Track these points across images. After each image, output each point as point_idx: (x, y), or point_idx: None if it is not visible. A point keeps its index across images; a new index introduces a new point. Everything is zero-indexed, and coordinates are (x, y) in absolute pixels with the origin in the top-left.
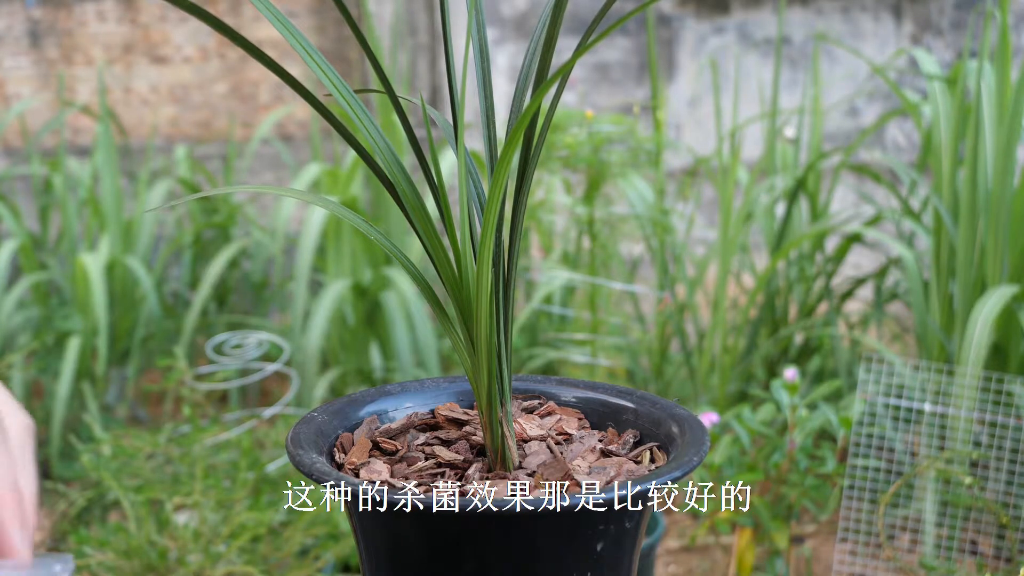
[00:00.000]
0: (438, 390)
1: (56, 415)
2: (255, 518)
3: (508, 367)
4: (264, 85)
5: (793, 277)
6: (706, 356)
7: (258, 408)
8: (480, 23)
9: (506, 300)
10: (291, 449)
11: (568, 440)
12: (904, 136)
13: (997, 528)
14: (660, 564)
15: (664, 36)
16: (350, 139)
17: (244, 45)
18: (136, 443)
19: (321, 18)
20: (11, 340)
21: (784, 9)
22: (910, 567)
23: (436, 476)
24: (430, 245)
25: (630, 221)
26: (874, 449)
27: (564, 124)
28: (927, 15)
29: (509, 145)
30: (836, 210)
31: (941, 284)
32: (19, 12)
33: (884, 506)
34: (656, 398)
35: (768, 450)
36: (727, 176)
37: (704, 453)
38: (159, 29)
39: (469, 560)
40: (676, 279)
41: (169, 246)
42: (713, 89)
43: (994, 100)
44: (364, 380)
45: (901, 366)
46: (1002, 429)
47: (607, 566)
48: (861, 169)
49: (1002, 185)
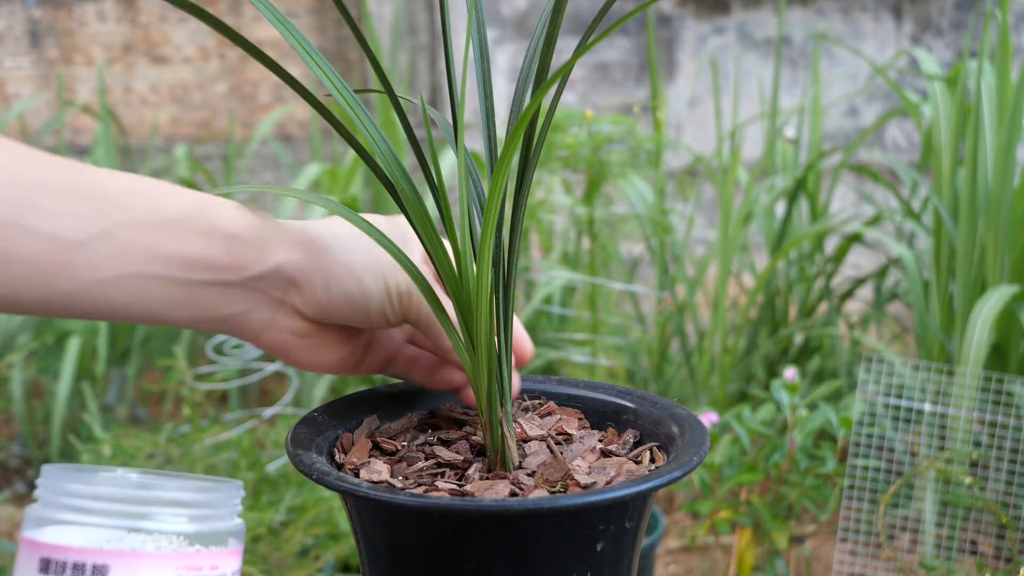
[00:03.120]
0: (438, 390)
1: (56, 415)
2: (255, 518)
3: (508, 367)
4: (264, 85)
5: (793, 277)
6: (706, 356)
7: (258, 408)
8: (480, 22)
9: (506, 300)
10: (291, 449)
11: (568, 440)
12: (904, 136)
13: (997, 528)
14: (660, 564)
15: (664, 36)
16: (350, 139)
17: (244, 45)
18: (136, 443)
19: (321, 18)
20: (11, 340)
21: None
22: (910, 567)
23: (436, 476)
24: (430, 245)
25: (630, 221)
26: (874, 449)
27: (564, 124)
28: (927, 15)
29: (509, 145)
30: (836, 210)
31: (941, 284)
32: (19, 12)
33: (884, 506)
34: (656, 398)
35: (768, 450)
36: (727, 176)
37: (704, 453)
38: (159, 29)
39: (469, 560)
40: (676, 279)
41: None
42: (713, 89)
43: (994, 100)
44: (364, 380)
45: (901, 366)
46: (1002, 429)
47: (607, 566)
48: (861, 169)
49: (1002, 185)
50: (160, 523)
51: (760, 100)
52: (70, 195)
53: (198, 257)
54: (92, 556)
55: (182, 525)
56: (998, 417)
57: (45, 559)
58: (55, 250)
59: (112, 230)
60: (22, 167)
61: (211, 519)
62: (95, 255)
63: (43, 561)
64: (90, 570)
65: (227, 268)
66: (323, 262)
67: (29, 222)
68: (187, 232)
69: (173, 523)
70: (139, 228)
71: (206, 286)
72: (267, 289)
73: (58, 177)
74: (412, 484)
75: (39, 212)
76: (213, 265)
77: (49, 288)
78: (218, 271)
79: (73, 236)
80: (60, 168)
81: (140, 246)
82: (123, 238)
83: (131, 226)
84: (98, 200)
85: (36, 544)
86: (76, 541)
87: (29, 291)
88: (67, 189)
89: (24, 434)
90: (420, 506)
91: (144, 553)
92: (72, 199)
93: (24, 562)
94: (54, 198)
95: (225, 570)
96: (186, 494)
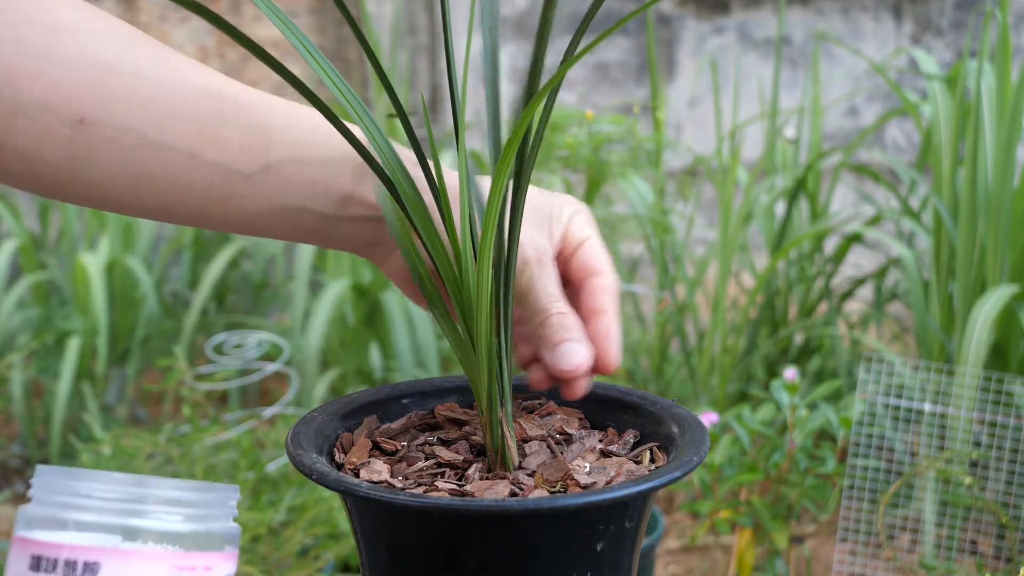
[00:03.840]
0: (438, 390)
1: (56, 415)
2: (255, 518)
3: (508, 367)
4: (264, 85)
5: (793, 277)
6: (706, 356)
7: (258, 408)
8: (493, 12)
9: (506, 300)
10: (291, 449)
11: (568, 440)
12: (904, 136)
13: (997, 528)
14: (660, 564)
15: (664, 36)
16: (351, 139)
17: (245, 43)
18: (136, 443)
19: (321, 18)
20: (11, 340)
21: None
22: (910, 567)
23: (436, 476)
24: (430, 245)
25: (630, 221)
26: (874, 449)
27: (564, 124)
28: (927, 15)
29: (510, 146)
30: (836, 210)
31: (941, 284)
32: None
33: (884, 506)
34: (656, 398)
35: (768, 450)
36: (727, 176)
37: (704, 453)
38: (159, 29)
39: (469, 560)
40: (676, 279)
41: (169, 246)
42: (713, 89)
43: (994, 100)
44: (364, 380)
45: (901, 366)
46: (1002, 429)
47: (607, 566)
48: (861, 169)
49: (1002, 185)
50: (153, 522)
51: (760, 100)
52: (241, 129)
53: (349, 194)
54: (84, 553)
55: (176, 524)
56: (998, 417)
57: (36, 556)
58: (225, 181)
59: (277, 165)
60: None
61: (205, 519)
62: (260, 188)
63: (34, 558)
64: (81, 567)
65: (374, 205)
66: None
67: (202, 152)
68: (341, 170)
69: (166, 522)
70: (301, 164)
71: (355, 220)
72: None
73: (232, 108)
74: (412, 484)
75: (213, 145)
76: (363, 202)
77: (215, 213)
78: (367, 207)
79: (242, 168)
80: (232, 95)
81: (300, 181)
82: (286, 174)
83: (294, 163)
84: (265, 134)
85: (27, 542)
86: (68, 538)
87: (196, 214)
88: (238, 123)
89: (24, 434)
90: (420, 506)
91: (137, 551)
92: (242, 133)
93: (15, 560)
94: (226, 131)
95: (219, 572)
96: (180, 493)
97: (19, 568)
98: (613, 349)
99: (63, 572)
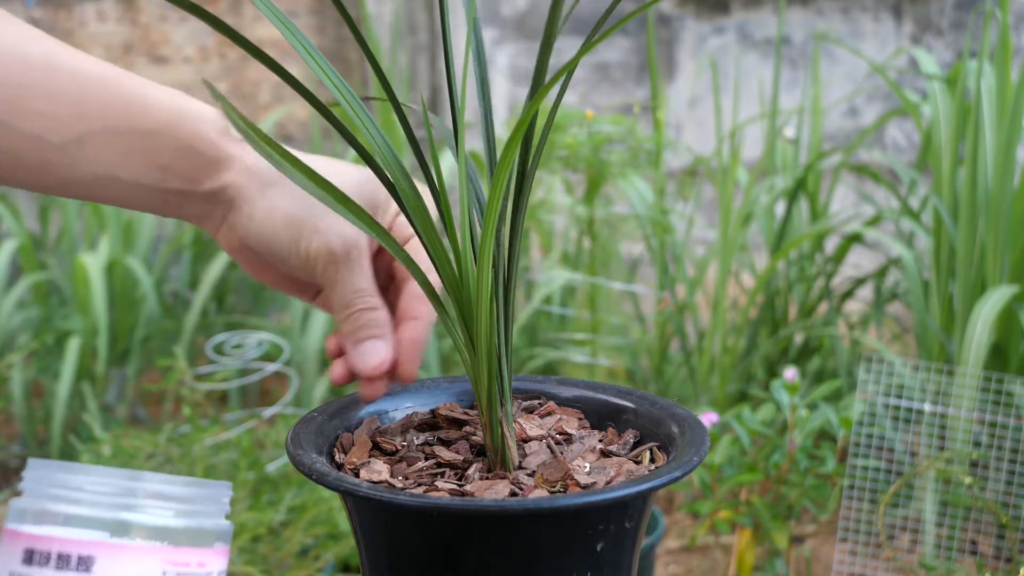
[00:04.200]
0: (438, 390)
1: (56, 415)
2: (255, 518)
3: (508, 367)
4: (264, 85)
5: (793, 277)
6: (706, 356)
7: (258, 408)
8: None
9: (506, 300)
10: (291, 449)
11: (568, 440)
12: (904, 136)
13: (997, 528)
14: (660, 564)
15: (664, 36)
16: (350, 139)
17: (244, 45)
18: (136, 443)
19: (321, 18)
20: (11, 340)
21: (784, 9)
22: (910, 567)
23: (436, 476)
24: (430, 245)
25: (630, 221)
26: (874, 449)
27: (564, 124)
28: (927, 15)
29: (509, 146)
30: (836, 210)
31: (941, 284)
32: (19, 12)
33: (884, 506)
34: (656, 398)
35: (768, 450)
36: (727, 176)
37: (704, 453)
38: (159, 29)
39: (469, 560)
40: (676, 279)
41: (169, 246)
42: (713, 89)
43: (994, 100)
44: None
45: (901, 366)
46: (1002, 429)
47: (607, 566)
48: (861, 169)
49: (1002, 185)
50: (145, 516)
51: (760, 100)
52: (54, 100)
53: (165, 167)
54: (77, 547)
55: (168, 519)
56: (998, 417)
57: (29, 550)
58: (37, 149)
59: (89, 136)
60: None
61: (198, 515)
62: (72, 158)
63: (27, 552)
64: (75, 561)
65: (188, 179)
66: (258, 196)
67: (14, 121)
68: (159, 144)
69: (158, 517)
70: (115, 135)
71: (170, 192)
72: (216, 202)
73: (45, 77)
74: (412, 484)
75: (24, 113)
76: (178, 175)
77: (32, 180)
78: (181, 181)
79: (53, 139)
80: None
81: (114, 153)
82: (100, 144)
83: (108, 133)
84: (79, 105)
85: (20, 535)
86: (61, 532)
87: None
88: (52, 92)
89: (24, 434)
90: (420, 506)
91: (130, 545)
92: (55, 103)
93: (7, 553)
94: (39, 101)
95: (212, 568)
96: (173, 488)
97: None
98: (414, 359)
99: (56, 566)
